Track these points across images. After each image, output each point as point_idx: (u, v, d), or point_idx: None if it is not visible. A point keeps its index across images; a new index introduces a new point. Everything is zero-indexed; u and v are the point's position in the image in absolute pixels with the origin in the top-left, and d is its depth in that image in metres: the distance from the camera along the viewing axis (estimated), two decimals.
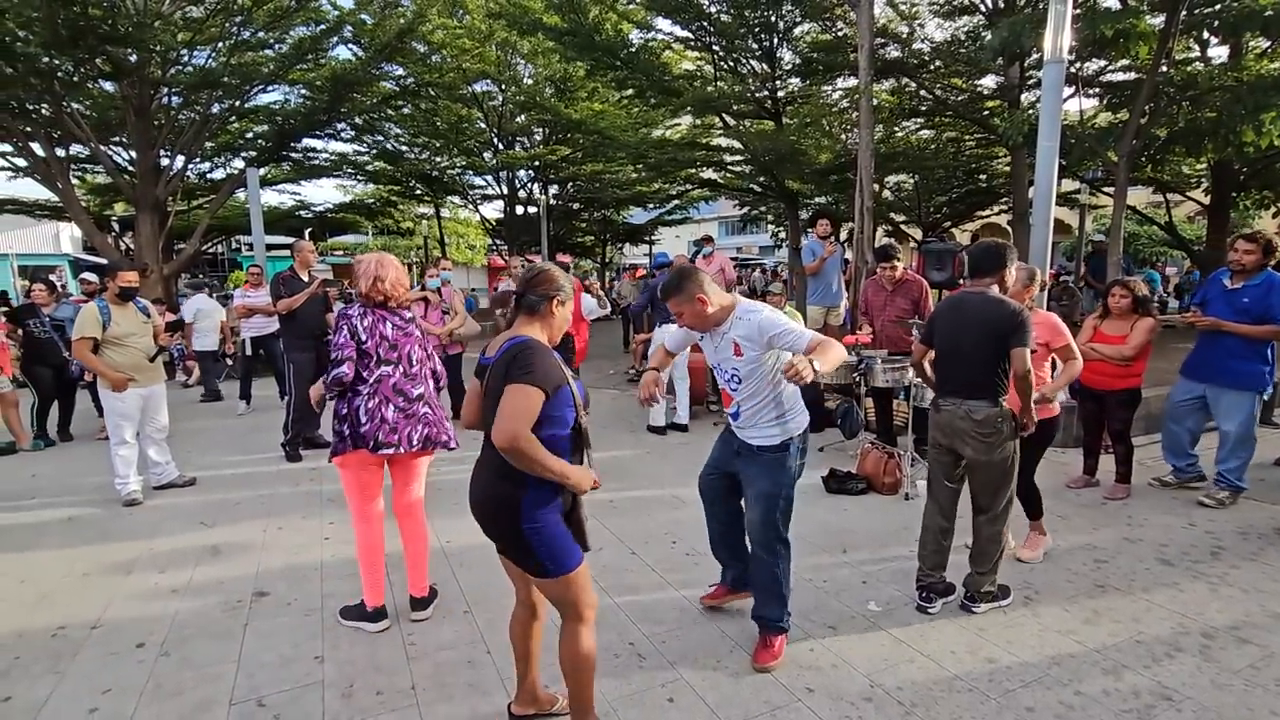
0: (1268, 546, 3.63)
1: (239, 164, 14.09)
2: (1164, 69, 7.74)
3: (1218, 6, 7.08)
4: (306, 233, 19.94)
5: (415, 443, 2.91)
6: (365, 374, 2.87)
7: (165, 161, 11.91)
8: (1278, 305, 3.92)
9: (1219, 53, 10.21)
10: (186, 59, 10.83)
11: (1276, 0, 6.32)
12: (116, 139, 13.05)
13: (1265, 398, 4.31)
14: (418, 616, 3.03)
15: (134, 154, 11.72)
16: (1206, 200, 12.10)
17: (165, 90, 11.38)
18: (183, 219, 15.11)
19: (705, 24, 11.87)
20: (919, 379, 3.75)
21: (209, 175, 15.32)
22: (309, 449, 5.73)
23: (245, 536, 4.02)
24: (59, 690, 2.55)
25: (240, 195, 15.00)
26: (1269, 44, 9.36)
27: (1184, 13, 7.09)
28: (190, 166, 13.32)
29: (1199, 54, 10.80)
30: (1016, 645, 2.74)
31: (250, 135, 14.00)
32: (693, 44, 13.18)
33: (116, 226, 17.07)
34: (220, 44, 10.83)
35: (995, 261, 2.99)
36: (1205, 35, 9.38)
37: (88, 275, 8.28)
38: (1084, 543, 3.71)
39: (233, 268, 25.64)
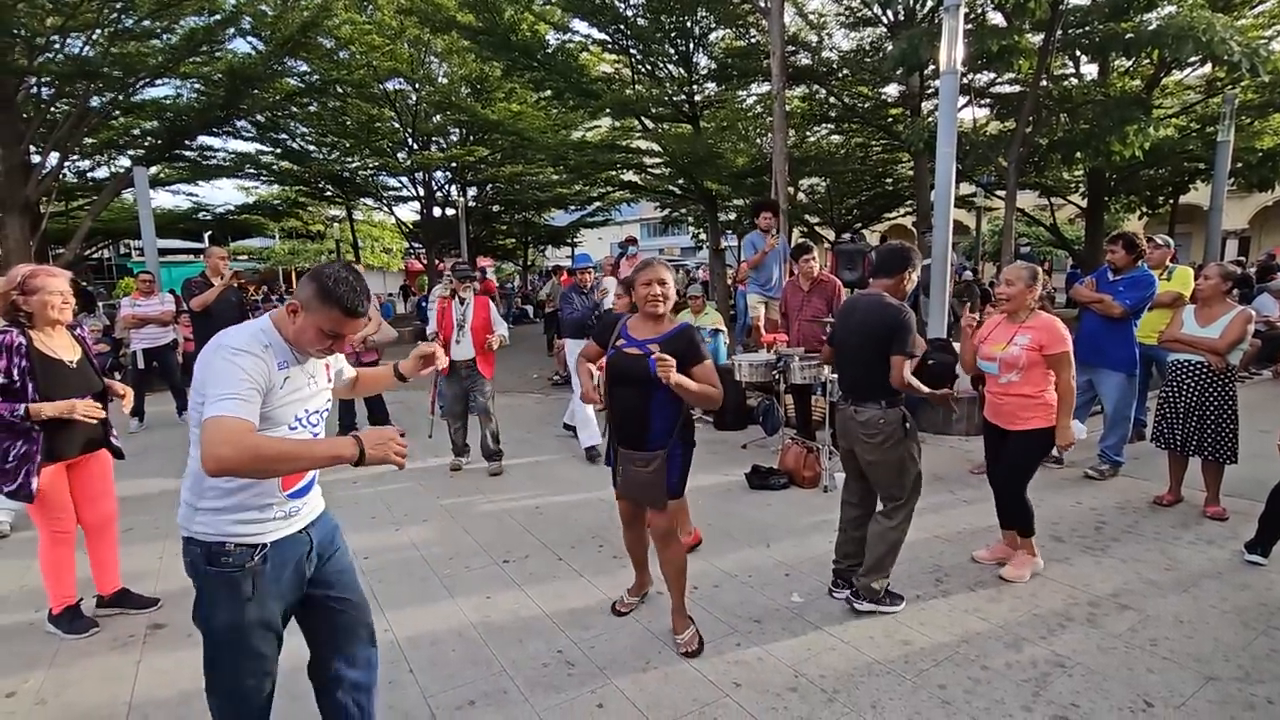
0: (1141, 520, 3.99)
1: (125, 162, 13.00)
2: (1044, 83, 8.40)
3: (1086, 28, 7.76)
4: (206, 236, 18.72)
5: None
6: None
7: (36, 158, 10.85)
8: (1127, 295, 4.47)
9: (1091, 70, 11.18)
10: (58, 46, 9.90)
11: (1135, 24, 6.99)
12: None
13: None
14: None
15: None
16: (1084, 204, 13.21)
17: (34, 80, 10.37)
18: (60, 222, 13.81)
19: (622, 27, 11.92)
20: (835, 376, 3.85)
21: (90, 174, 14.06)
22: None
23: (138, 564, 3.69)
24: None
25: (128, 196, 13.87)
26: (1131, 63, 10.33)
27: (1059, 32, 7.73)
28: (67, 164, 12.19)
29: (1074, 70, 11.79)
30: (929, 626, 2.89)
31: (137, 132, 12.95)
32: (610, 47, 13.20)
33: None
34: (98, 31, 9.95)
35: (894, 263, 2.98)
36: (1078, 53, 10.24)
37: None
38: (987, 525, 3.94)
39: (121, 274, 23.75)
